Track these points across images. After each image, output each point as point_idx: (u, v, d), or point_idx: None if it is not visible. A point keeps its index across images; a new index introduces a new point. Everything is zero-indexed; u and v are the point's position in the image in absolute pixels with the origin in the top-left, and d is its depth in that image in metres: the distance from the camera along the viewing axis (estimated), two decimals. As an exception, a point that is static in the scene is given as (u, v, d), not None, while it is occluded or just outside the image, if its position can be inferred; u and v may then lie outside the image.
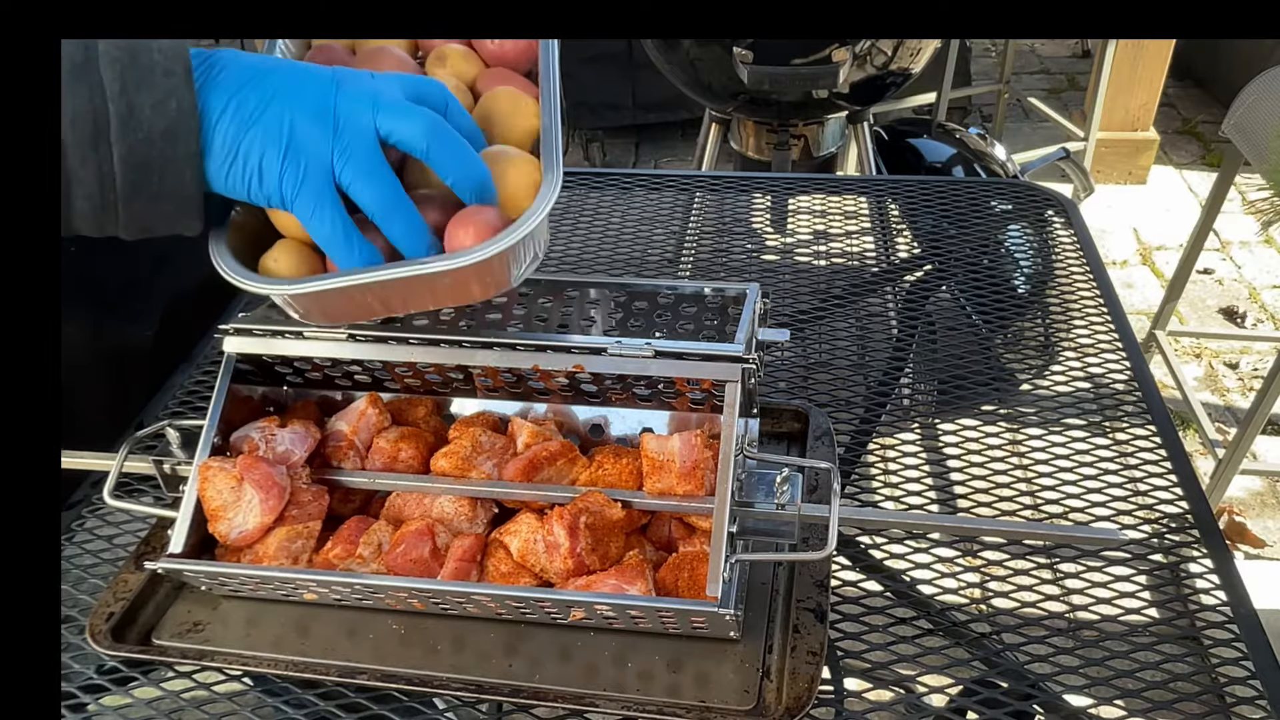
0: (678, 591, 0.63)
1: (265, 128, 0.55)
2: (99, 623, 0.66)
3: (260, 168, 0.55)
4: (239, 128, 0.54)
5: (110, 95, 0.50)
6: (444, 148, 0.58)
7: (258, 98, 0.55)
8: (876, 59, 1.54)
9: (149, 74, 0.51)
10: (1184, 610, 0.68)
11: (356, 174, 0.56)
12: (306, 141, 0.55)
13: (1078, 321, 0.96)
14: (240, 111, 0.54)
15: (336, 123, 0.56)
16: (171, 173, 0.53)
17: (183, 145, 0.52)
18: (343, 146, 0.56)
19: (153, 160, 0.52)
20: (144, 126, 0.51)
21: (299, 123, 0.55)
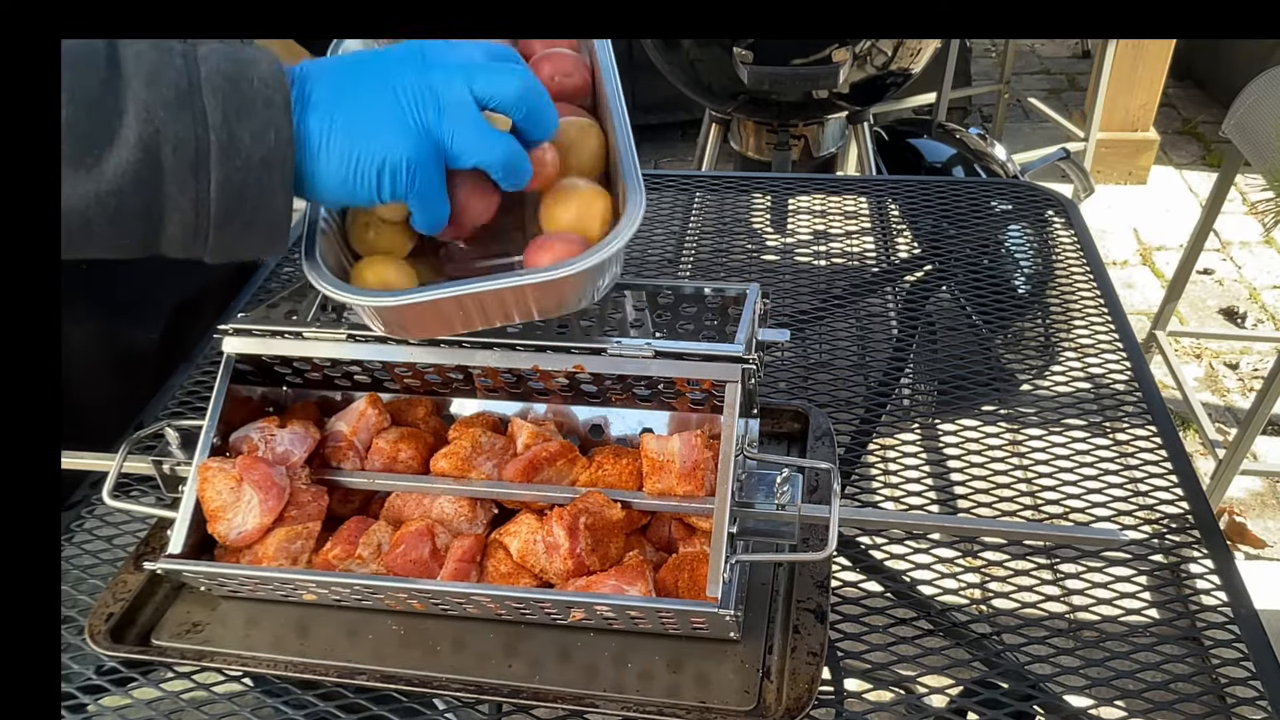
0: (678, 592, 0.63)
1: (375, 135, 0.55)
2: (98, 623, 0.66)
3: (380, 175, 0.56)
4: (350, 140, 0.55)
5: (213, 124, 0.51)
6: (536, 108, 0.59)
7: (358, 107, 0.56)
8: (876, 59, 1.54)
9: (250, 103, 0.52)
10: (1184, 611, 0.68)
11: (467, 146, 0.57)
12: (416, 134, 0.56)
13: (1078, 322, 0.96)
14: (347, 125, 0.55)
15: (438, 102, 0.56)
16: (265, 201, 0.53)
17: (278, 174, 0.53)
18: (450, 124, 0.56)
19: (249, 188, 0.53)
20: (242, 155, 0.52)
21: (405, 119, 0.56)
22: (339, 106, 0.56)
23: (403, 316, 0.62)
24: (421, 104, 0.56)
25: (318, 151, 0.55)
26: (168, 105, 0.50)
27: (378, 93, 0.56)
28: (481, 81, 0.57)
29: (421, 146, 0.56)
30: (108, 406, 0.89)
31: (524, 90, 0.58)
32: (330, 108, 0.55)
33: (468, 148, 0.57)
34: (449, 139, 0.57)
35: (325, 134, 0.55)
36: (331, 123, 0.55)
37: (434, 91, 0.56)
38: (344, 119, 0.55)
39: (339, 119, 0.55)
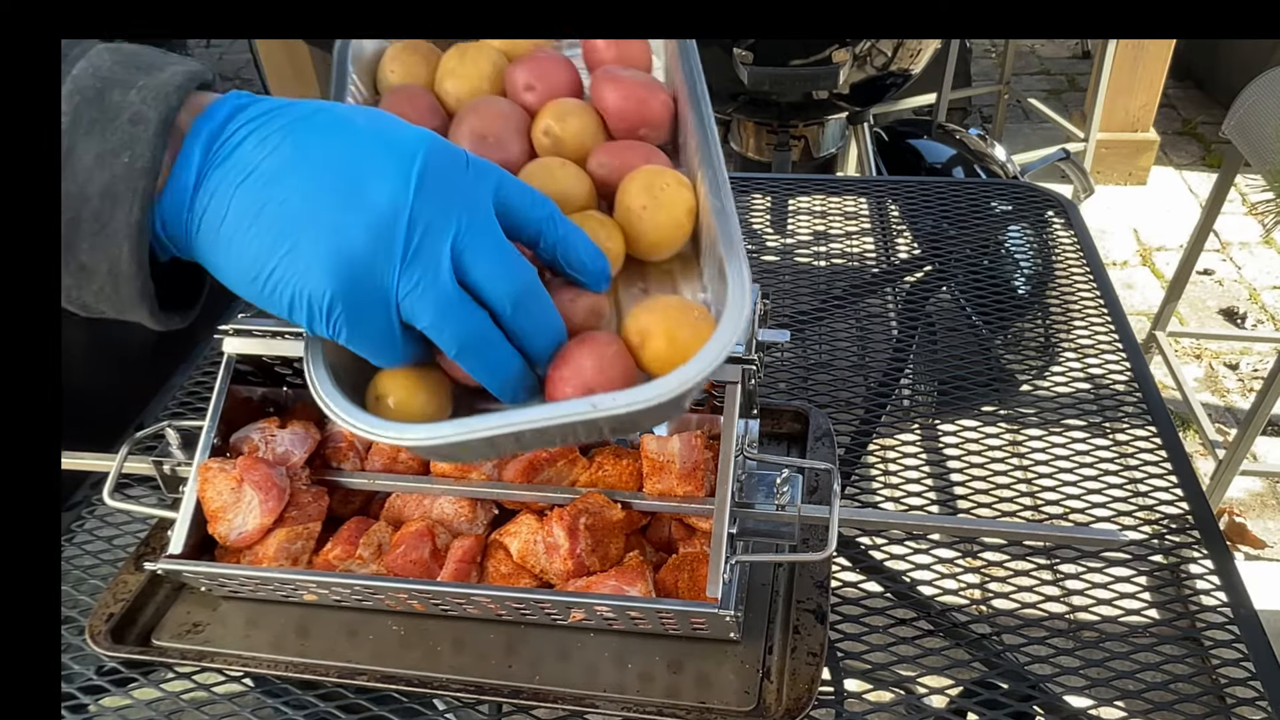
0: (678, 592, 0.63)
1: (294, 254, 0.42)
2: (99, 624, 0.66)
3: (293, 305, 0.44)
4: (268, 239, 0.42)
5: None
6: (528, 316, 0.47)
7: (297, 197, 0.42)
8: (876, 60, 1.54)
9: (111, 116, 0.41)
10: (1184, 611, 0.68)
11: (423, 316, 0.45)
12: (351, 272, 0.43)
13: (1078, 322, 0.96)
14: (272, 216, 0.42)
15: (406, 247, 0.43)
16: (103, 243, 0.41)
17: (123, 213, 0.41)
18: (409, 280, 0.44)
19: (82, 222, 0.41)
20: (78, 179, 0.41)
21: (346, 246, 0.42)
22: (273, 177, 0.42)
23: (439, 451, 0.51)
24: (383, 238, 0.43)
25: (218, 229, 0.42)
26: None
27: (334, 193, 0.43)
28: (474, 256, 0.45)
29: (359, 296, 0.43)
30: (102, 404, 0.89)
31: (522, 287, 0.46)
32: (257, 171, 0.42)
33: (425, 317, 0.45)
34: (405, 300, 0.44)
35: (238, 205, 0.42)
36: (252, 194, 0.42)
37: (409, 230, 0.43)
38: (271, 201, 0.42)
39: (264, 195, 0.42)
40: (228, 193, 0.43)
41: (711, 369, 0.46)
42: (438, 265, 0.44)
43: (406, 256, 0.44)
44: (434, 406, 0.51)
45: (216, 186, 0.43)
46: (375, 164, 0.43)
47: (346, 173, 0.43)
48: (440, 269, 0.44)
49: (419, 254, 0.44)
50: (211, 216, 0.43)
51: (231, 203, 0.43)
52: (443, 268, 0.45)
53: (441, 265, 0.44)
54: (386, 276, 0.44)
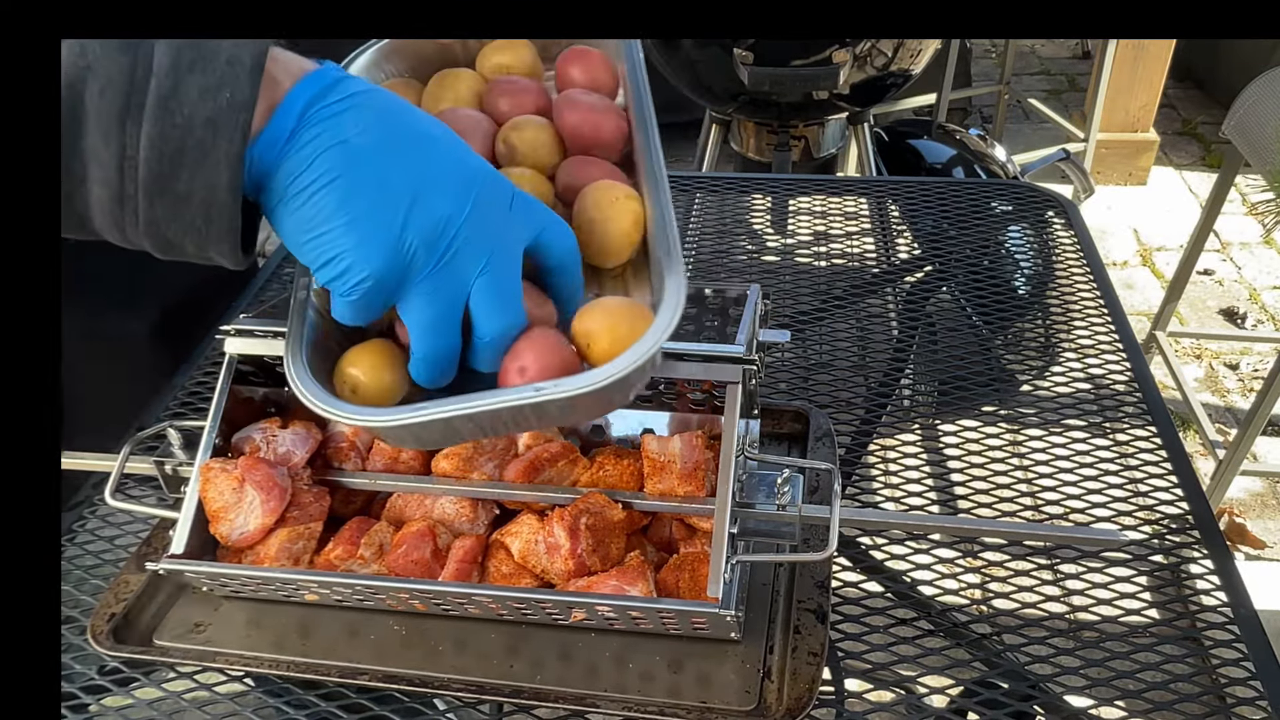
0: (679, 592, 0.63)
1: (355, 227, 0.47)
2: (100, 623, 0.66)
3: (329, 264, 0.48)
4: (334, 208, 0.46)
5: (156, 69, 0.42)
6: (494, 351, 0.53)
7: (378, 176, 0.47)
8: (877, 60, 1.54)
9: (209, 57, 0.43)
10: (1184, 611, 0.68)
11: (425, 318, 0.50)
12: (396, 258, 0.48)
13: (1078, 322, 0.96)
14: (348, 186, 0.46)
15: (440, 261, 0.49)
16: (204, 171, 0.43)
17: (224, 141, 0.43)
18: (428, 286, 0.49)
19: (186, 152, 0.43)
20: (184, 110, 0.43)
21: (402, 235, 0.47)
22: (356, 154, 0.46)
23: (400, 434, 0.55)
24: (430, 244, 0.48)
25: (294, 178, 0.46)
26: (107, 45, 0.42)
27: (403, 186, 0.47)
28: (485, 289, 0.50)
29: (384, 282, 0.48)
30: (100, 403, 0.89)
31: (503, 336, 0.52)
32: (346, 143, 0.46)
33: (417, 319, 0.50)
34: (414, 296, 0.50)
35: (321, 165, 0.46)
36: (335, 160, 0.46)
37: (449, 246, 0.49)
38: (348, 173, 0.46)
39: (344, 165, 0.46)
40: (316, 152, 0.46)
41: (645, 358, 0.50)
42: (454, 285, 0.50)
43: (438, 266, 0.49)
44: (399, 385, 0.56)
45: (308, 142, 0.46)
46: (445, 178, 0.49)
47: (420, 176, 0.48)
48: (454, 289, 0.50)
49: (447, 269, 0.49)
50: (293, 166, 0.46)
51: (316, 161, 0.46)
52: (457, 288, 0.50)
53: (457, 286, 0.50)
54: (414, 275, 0.49)
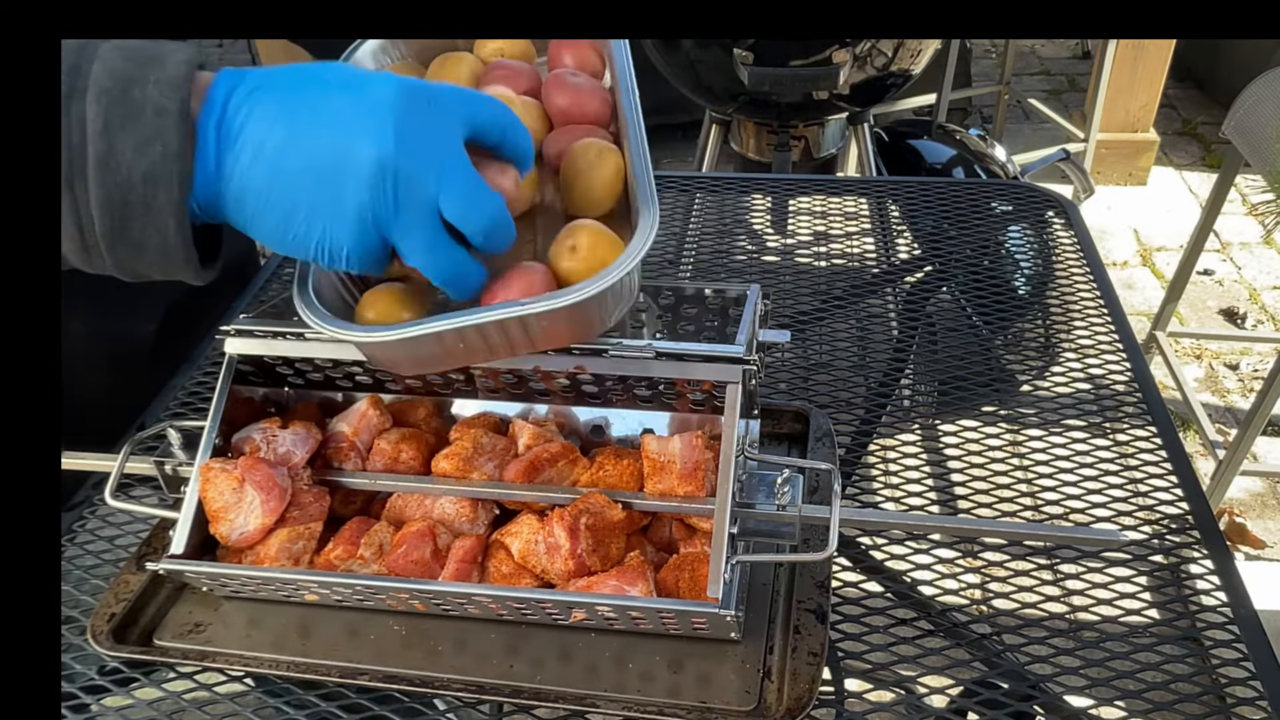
0: (678, 592, 0.63)
1: (316, 213, 0.50)
2: (100, 624, 0.66)
3: (319, 252, 0.52)
4: (285, 203, 0.50)
5: (91, 133, 0.46)
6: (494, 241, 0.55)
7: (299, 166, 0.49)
8: (877, 60, 1.54)
9: (138, 111, 0.47)
10: (1184, 611, 0.68)
11: (414, 255, 0.53)
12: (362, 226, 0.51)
13: (1078, 322, 0.96)
14: (284, 184, 0.49)
15: (396, 198, 0.51)
16: (152, 221, 0.48)
17: (164, 193, 0.47)
18: (402, 228, 0.52)
19: (132, 205, 0.47)
20: (123, 169, 0.47)
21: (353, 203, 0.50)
22: (277, 155, 0.49)
23: (393, 352, 0.59)
24: (378, 191, 0.50)
25: (243, 196, 0.49)
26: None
27: (330, 159, 0.49)
28: (451, 197, 0.52)
29: (368, 241, 0.52)
30: (101, 403, 0.89)
31: (492, 222, 0.54)
32: (262, 150, 0.49)
33: (415, 256, 0.53)
34: (398, 240, 0.52)
35: (254, 182, 0.49)
36: (264, 172, 0.49)
37: (395, 182, 0.50)
38: (280, 176, 0.49)
39: (273, 172, 0.49)
40: (243, 173, 0.49)
41: (618, 277, 0.56)
42: (423, 211, 0.52)
43: (398, 205, 0.51)
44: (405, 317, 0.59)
45: (232, 169, 0.49)
46: (357, 126, 0.50)
47: (336, 140, 0.50)
48: (425, 214, 0.52)
49: (408, 203, 0.51)
50: (234, 193, 0.50)
51: (247, 182, 0.50)
52: (426, 212, 0.52)
53: (425, 210, 0.52)
54: (385, 224, 0.51)
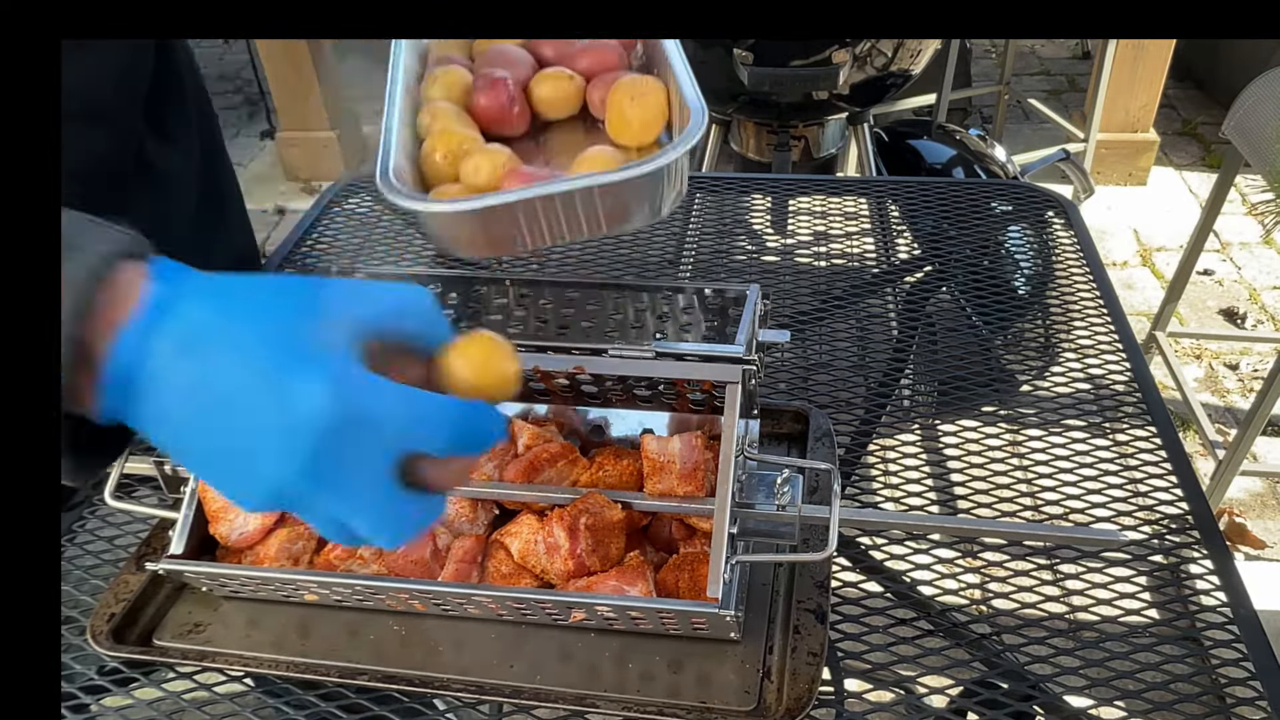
0: (678, 592, 0.63)
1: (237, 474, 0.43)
2: (100, 624, 0.66)
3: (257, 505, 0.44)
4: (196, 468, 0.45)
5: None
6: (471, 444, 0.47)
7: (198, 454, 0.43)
8: (877, 60, 1.54)
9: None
10: (1184, 611, 0.68)
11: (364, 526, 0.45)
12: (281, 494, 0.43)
13: (1078, 322, 0.96)
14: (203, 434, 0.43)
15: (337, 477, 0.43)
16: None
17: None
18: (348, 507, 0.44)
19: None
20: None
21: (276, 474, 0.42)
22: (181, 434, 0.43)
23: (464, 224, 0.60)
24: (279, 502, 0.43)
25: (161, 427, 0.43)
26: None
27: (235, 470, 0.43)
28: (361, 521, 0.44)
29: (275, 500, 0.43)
30: None
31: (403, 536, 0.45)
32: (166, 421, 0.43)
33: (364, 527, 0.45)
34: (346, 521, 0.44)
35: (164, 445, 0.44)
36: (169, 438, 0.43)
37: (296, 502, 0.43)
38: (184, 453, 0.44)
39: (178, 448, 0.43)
40: (152, 429, 0.43)
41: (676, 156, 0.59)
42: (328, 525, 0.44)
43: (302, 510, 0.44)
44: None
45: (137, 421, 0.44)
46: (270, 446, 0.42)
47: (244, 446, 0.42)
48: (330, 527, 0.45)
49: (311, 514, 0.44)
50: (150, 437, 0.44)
51: (157, 439, 0.44)
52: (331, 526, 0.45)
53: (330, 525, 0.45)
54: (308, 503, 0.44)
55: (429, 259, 1.12)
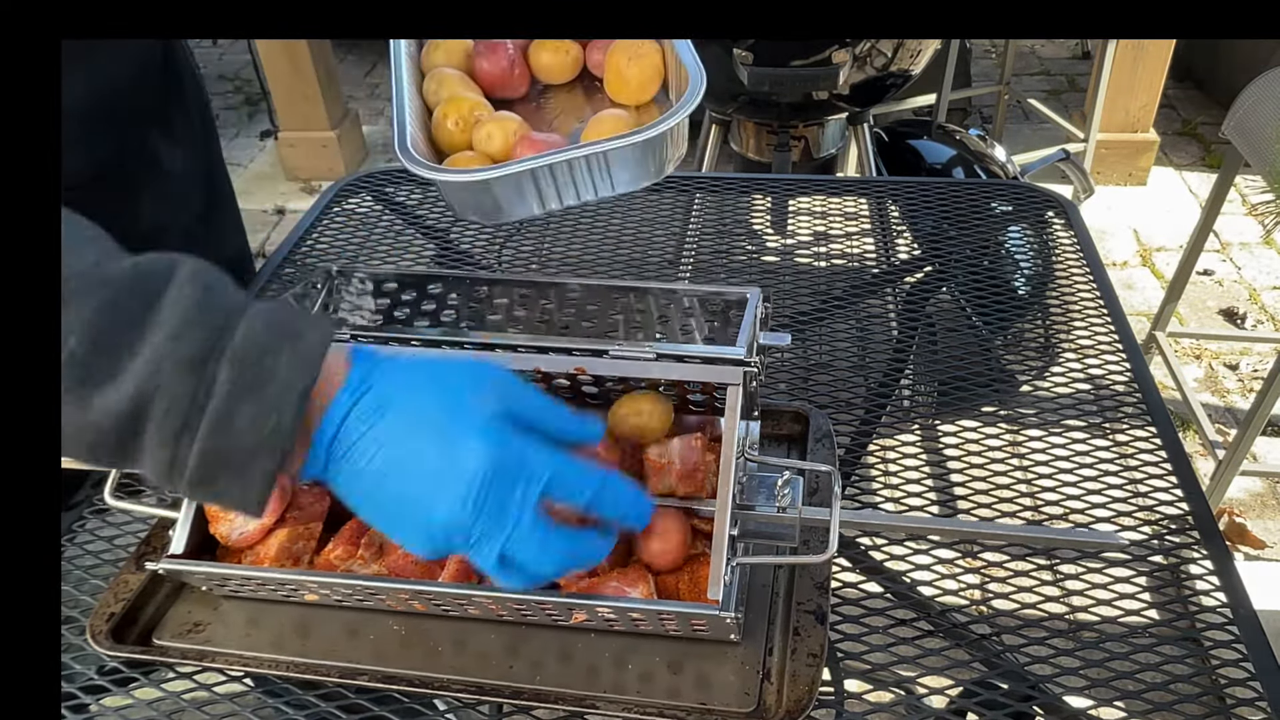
0: (678, 594, 0.63)
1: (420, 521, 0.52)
2: (100, 623, 0.66)
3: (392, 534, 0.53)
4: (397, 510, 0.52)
5: (216, 394, 0.47)
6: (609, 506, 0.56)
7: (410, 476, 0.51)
8: (876, 60, 1.54)
9: (264, 382, 0.48)
10: (1184, 611, 0.68)
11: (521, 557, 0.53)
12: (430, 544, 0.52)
13: (1078, 322, 0.96)
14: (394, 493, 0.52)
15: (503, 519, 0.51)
16: (241, 482, 0.49)
17: (262, 463, 0.49)
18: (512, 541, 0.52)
19: (229, 465, 0.48)
20: (233, 435, 0.48)
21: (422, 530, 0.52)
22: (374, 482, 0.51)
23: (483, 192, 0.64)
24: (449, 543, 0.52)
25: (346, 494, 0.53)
26: (179, 364, 0.47)
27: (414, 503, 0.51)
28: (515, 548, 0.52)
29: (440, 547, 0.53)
30: None
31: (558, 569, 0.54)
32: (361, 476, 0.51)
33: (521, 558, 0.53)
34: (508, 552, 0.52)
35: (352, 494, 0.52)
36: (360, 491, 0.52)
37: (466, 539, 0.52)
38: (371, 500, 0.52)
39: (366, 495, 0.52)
40: (346, 484, 0.52)
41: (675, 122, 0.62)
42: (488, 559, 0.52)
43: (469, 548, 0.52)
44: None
45: (336, 477, 0.52)
46: (443, 490, 0.51)
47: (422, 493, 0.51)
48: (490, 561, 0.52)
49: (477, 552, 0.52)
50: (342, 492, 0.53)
51: (349, 493, 0.53)
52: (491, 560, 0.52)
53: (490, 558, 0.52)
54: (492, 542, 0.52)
55: (429, 259, 1.12)
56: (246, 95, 3.88)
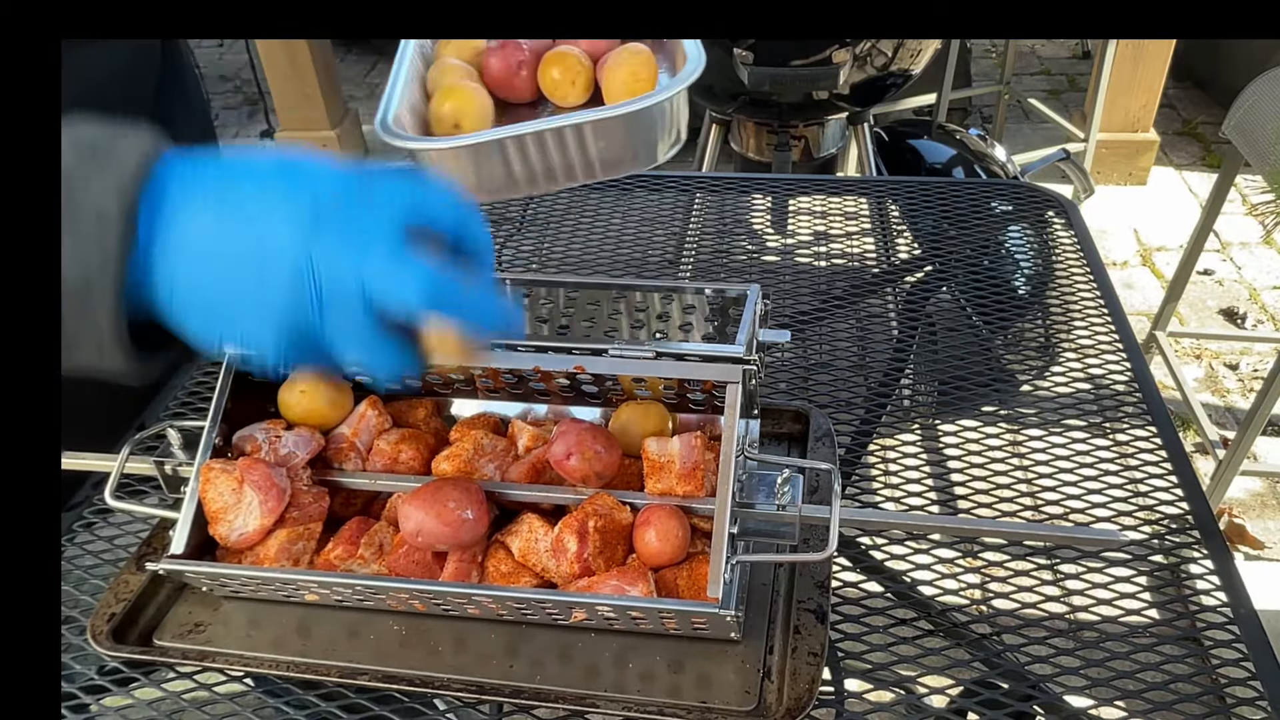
0: (679, 592, 0.63)
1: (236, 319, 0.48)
2: (100, 624, 0.66)
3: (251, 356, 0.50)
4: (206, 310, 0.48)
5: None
6: (450, 306, 0.49)
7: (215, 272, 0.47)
8: (877, 60, 1.54)
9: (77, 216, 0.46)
10: (1184, 611, 0.68)
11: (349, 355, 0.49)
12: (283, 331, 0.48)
13: (1078, 322, 0.96)
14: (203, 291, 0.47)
15: (319, 296, 0.47)
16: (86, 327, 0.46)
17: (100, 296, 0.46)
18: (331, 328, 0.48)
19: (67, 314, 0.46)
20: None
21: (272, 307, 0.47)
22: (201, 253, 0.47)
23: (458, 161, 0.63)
24: (298, 292, 0.47)
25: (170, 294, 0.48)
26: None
27: (250, 256, 0.47)
28: (373, 279, 0.47)
29: (292, 346, 0.48)
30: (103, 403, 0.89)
31: (428, 292, 0.48)
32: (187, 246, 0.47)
33: (347, 356, 0.49)
34: (329, 342, 0.48)
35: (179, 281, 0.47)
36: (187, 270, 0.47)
37: (315, 278, 0.47)
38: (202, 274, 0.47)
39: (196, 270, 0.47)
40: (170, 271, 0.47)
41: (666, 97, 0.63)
42: (348, 305, 0.47)
43: (320, 303, 0.47)
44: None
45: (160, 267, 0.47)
46: (274, 221, 0.47)
47: (257, 235, 0.47)
48: (350, 309, 0.47)
49: (329, 299, 0.47)
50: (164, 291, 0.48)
51: (174, 280, 0.47)
52: (353, 306, 0.47)
53: (351, 304, 0.47)
54: (314, 325, 0.48)
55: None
56: (246, 95, 3.88)
